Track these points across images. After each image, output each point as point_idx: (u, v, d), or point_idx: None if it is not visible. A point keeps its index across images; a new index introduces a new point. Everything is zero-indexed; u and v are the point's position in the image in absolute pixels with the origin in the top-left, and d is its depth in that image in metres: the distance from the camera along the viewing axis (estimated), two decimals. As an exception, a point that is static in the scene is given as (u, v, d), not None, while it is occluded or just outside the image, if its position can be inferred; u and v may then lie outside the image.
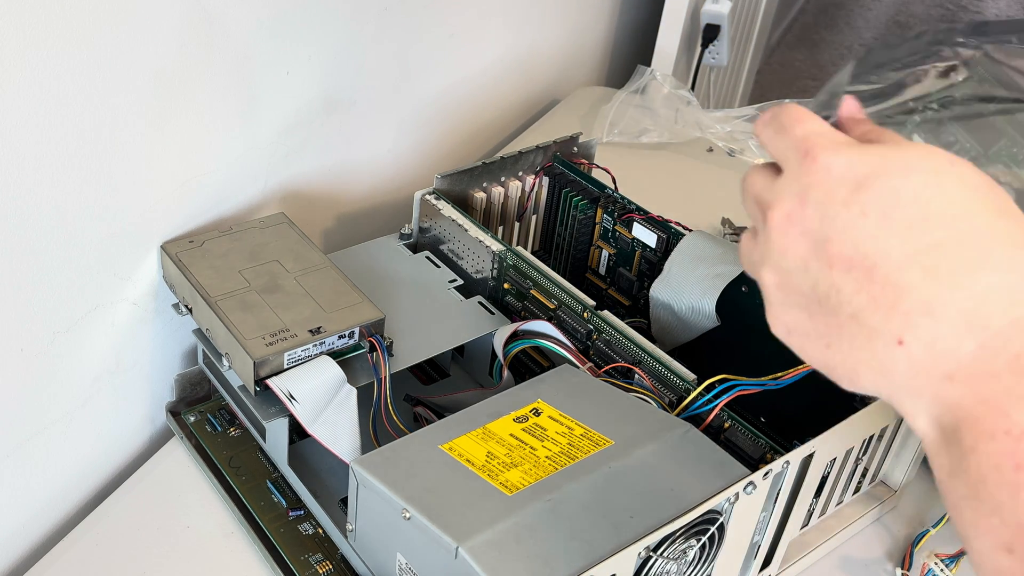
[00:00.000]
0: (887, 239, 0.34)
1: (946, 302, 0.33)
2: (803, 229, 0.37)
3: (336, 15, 0.74)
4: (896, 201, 0.35)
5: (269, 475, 0.66)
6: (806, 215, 0.37)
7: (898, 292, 0.34)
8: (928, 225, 0.34)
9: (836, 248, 0.36)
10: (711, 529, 0.52)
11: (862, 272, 0.35)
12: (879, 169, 0.35)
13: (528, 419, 0.58)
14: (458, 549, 0.48)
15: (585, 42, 1.32)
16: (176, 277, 0.65)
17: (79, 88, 0.54)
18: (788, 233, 0.37)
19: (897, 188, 0.35)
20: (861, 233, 0.35)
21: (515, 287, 0.70)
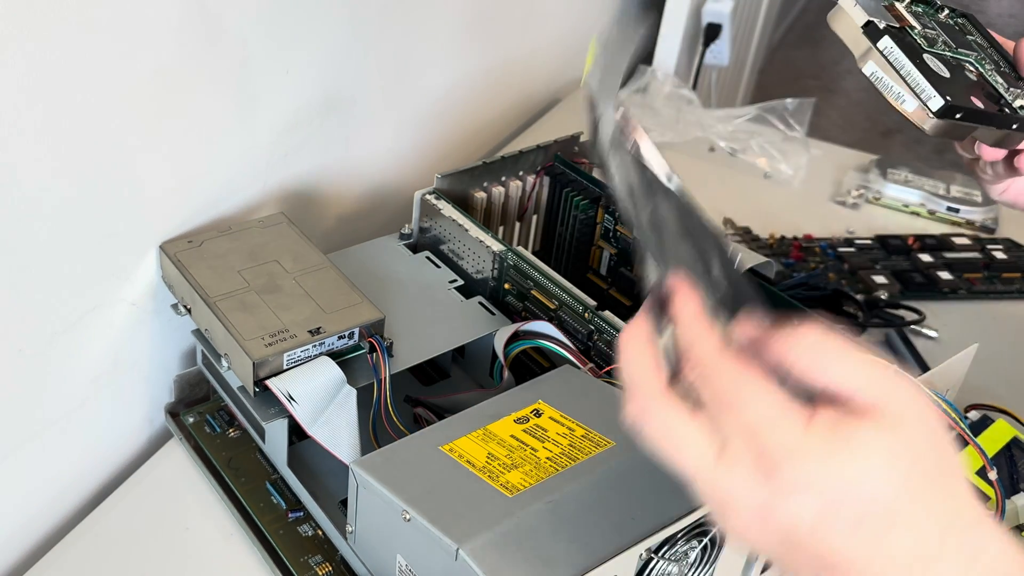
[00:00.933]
0: (853, 548, 0.35)
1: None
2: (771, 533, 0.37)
3: (336, 15, 0.74)
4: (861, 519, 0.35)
5: (268, 476, 0.66)
6: (773, 527, 0.36)
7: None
8: (891, 533, 0.35)
9: (803, 556, 0.36)
10: (713, 531, 0.52)
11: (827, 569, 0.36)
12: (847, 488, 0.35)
13: (529, 420, 0.58)
14: (458, 551, 0.48)
15: (585, 42, 1.32)
16: (175, 277, 0.64)
17: (78, 88, 0.54)
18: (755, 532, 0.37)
19: (865, 510, 0.35)
20: (829, 548, 0.36)
21: (516, 287, 0.70)
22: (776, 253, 0.94)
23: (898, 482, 0.35)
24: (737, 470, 0.36)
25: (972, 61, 0.52)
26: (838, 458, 0.35)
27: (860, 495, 0.35)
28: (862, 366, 0.36)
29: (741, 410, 0.36)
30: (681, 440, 0.38)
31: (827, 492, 0.35)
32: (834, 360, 0.36)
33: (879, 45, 0.47)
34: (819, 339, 0.36)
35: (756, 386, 0.36)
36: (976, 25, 0.57)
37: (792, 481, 0.35)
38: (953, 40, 0.53)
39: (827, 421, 0.35)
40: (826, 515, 0.35)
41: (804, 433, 0.35)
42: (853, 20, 0.48)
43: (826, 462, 0.35)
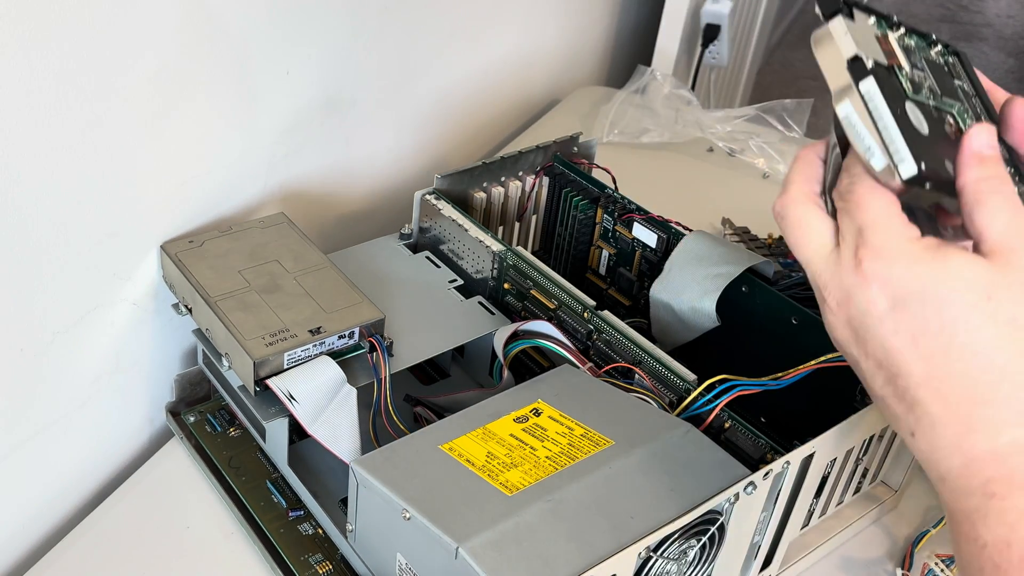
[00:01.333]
0: (910, 359, 0.39)
1: (945, 423, 0.39)
2: (848, 321, 0.41)
3: (336, 15, 0.74)
4: (925, 329, 0.39)
5: (269, 475, 0.66)
6: (850, 313, 0.41)
7: (912, 401, 0.40)
8: (948, 358, 0.38)
9: (870, 348, 0.41)
10: (711, 529, 0.52)
11: (888, 374, 0.40)
12: (916, 294, 0.39)
13: (528, 419, 0.58)
14: (458, 549, 0.48)
15: (585, 42, 1.32)
16: (176, 277, 0.65)
17: (79, 88, 0.54)
18: (838, 317, 0.42)
19: (928, 318, 0.38)
20: (890, 346, 0.40)
21: (515, 287, 0.70)
22: (775, 253, 0.94)
23: (971, 313, 0.38)
24: (840, 260, 0.41)
25: (955, 113, 0.46)
26: (923, 268, 0.39)
27: (929, 305, 0.38)
28: (1016, 217, 0.39)
29: (862, 211, 0.40)
30: (809, 230, 0.43)
31: (901, 296, 0.39)
32: (994, 201, 0.40)
33: (861, 87, 0.42)
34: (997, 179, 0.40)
35: (883, 199, 0.40)
36: (966, 66, 0.51)
37: (873, 273, 0.39)
38: (940, 85, 0.47)
39: (933, 242, 0.39)
40: (892, 315, 0.39)
41: (906, 241, 0.39)
42: (840, 50, 0.43)
43: (911, 268, 0.39)
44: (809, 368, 0.59)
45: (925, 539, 0.66)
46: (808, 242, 0.43)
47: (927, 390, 0.39)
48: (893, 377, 0.40)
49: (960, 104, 0.47)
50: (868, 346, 0.41)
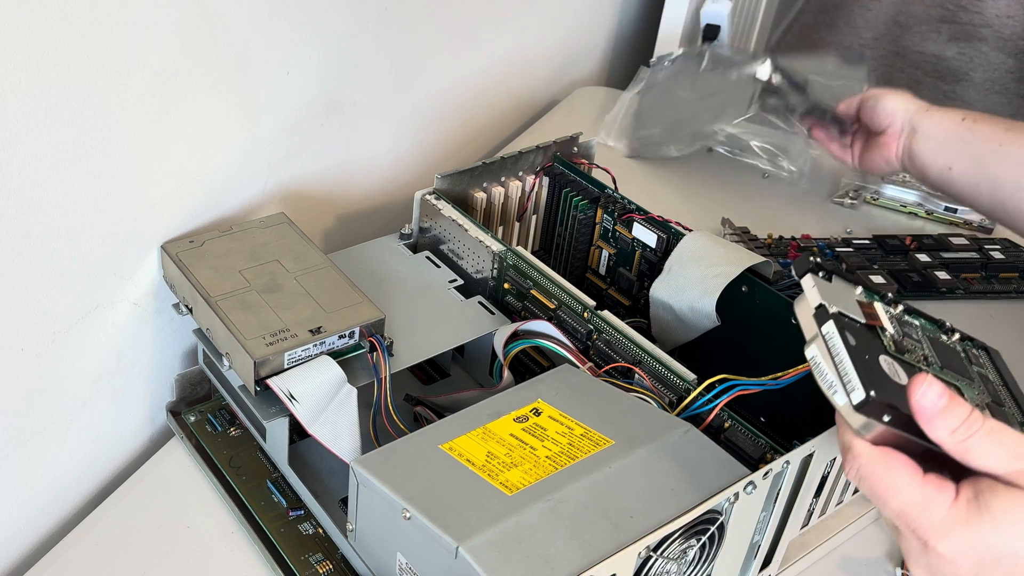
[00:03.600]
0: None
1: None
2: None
3: (336, 15, 0.75)
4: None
5: (269, 475, 0.66)
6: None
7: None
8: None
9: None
10: (711, 529, 0.52)
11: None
12: (989, 554, 0.41)
13: (528, 419, 0.58)
14: (458, 549, 0.48)
15: (585, 42, 1.32)
16: (176, 277, 0.65)
17: (79, 88, 0.54)
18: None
19: (1012, 570, 0.41)
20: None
21: (515, 287, 0.70)
22: (774, 253, 0.94)
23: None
24: (907, 544, 0.43)
25: (962, 387, 0.47)
26: (979, 526, 0.41)
27: (1005, 556, 0.40)
28: (1005, 445, 0.41)
29: (893, 497, 0.42)
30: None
31: (975, 558, 0.41)
32: (978, 444, 0.41)
33: (823, 329, 0.44)
34: (966, 424, 0.42)
35: (903, 477, 0.42)
36: (995, 360, 0.52)
37: (942, 554, 0.41)
38: (942, 359, 0.47)
39: (968, 496, 0.41)
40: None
41: (950, 509, 0.41)
42: (808, 302, 0.46)
43: (969, 531, 0.41)
44: (809, 368, 0.59)
45: (925, 539, 0.66)
46: (881, 510, 0.45)
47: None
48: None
49: (971, 383, 0.48)
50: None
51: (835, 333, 0.44)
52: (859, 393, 0.42)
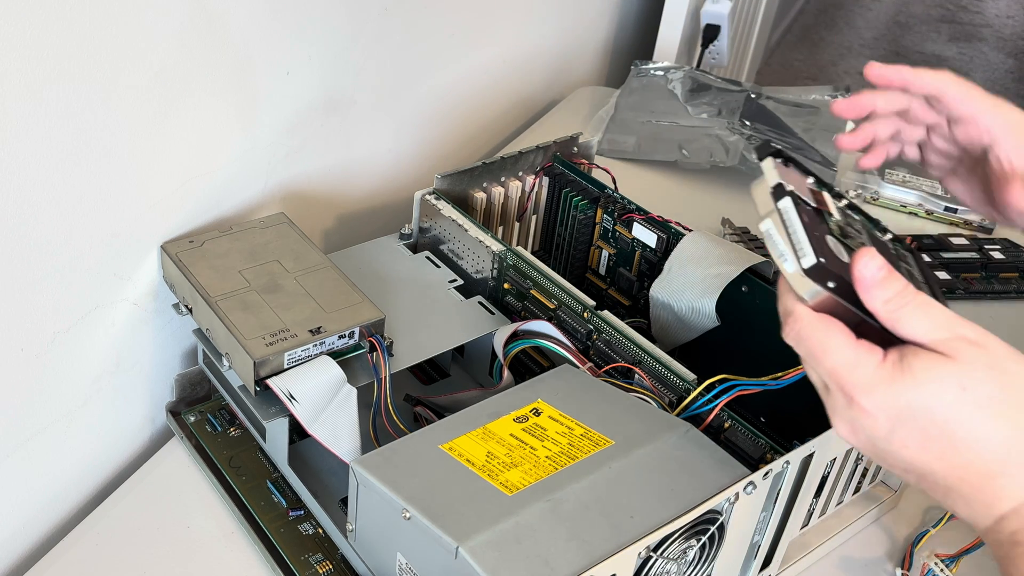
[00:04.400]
0: (928, 461, 0.45)
1: (973, 497, 0.45)
2: (863, 446, 0.47)
3: (336, 16, 0.75)
4: (927, 435, 0.44)
5: (269, 475, 0.66)
6: (860, 441, 0.46)
7: (944, 490, 0.46)
8: (957, 451, 0.44)
9: (890, 461, 0.46)
10: (711, 529, 0.52)
11: (916, 476, 0.46)
12: (906, 410, 0.44)
13: (528, 419, 0.58)
14: (458, 549, 0.48)
15: (585, 42, 1.32)
16: (176, 277, 0.65)
17: (79, 89, 0.54)
18: (855, 441, 0.47)
19: (925, 427, 0.44)
20: (906, 457, 0.45)
21: (515, 287, 0.70)
22: (774, 253, 0.94)
23: (957, 408, 0.43)
24: (833, 402, 0.47)
25: None
26: (900, 384, 0.44)
27: (920, 411, 0.44)
28: (931, 317, 0.45)
29: (826, 356, 0.46)
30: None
31: (894, 413, 0.44)
32: (908, 315, 0.45)
33: (779, 204, 0.47)
34: (899, 295, 0.45)
35: (834, 335, 0.46)
36: (918, 261, 0.56)
37: (865, 408, 0.45)
38: (879, 252, 0.49)
39: (893, 358, 0.45)
40: (896, 433, 0.44)
41: (876, 368, 0.45)
42: (766, 181, 0.49)
43: (891, 388, 0.44)
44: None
45: (925, 539, 0.66)
46: (809, 371, 0.48)
47: (953, 479, 0.45)
48: (921, 477, 0.46)
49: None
50: (888, 460, 0.46)
51: (791, 207, 0.47)
52: (810, 259, 0.45)
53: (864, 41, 2.99)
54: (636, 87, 1.15)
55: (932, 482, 0.46)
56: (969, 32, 3.13)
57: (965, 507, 0.46)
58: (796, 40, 2.92)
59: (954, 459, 0.45)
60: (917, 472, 0.46)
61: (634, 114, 1.12)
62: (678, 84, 1.14)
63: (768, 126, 1.08)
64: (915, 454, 0.45)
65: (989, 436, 0.44)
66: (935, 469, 0.45)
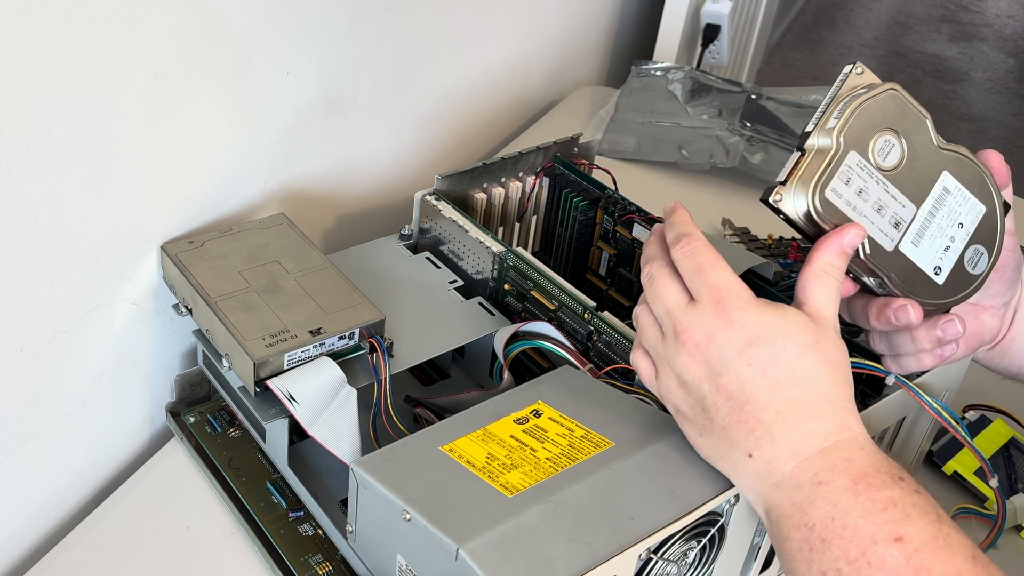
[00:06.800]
0: (759, 387, 0.49)
1: (783, 436, 0.48)
2: (705, 359, 0.50)
3: (336, 15, 0.74)
4: (774, 362, 0.49)
5: (269, 476, 0.66)
6: (710, 351, 0.50)
7: (756, 423, 0.49)
8: (789, 385, 0.49)
9: (724, 381, 0.49)
10: (711, 531, 0.52)
11: (737, 403, 0.49)
12: (769, 334, 0.49)
13: (528, 420, 0.58)
14: (458, 551, 0.48)
15: (585, 42, 1.32)
16: (176, 277, 0.65)
17: (80, 89, 0.54)
18: (694, 357, 0.50)
19: (777, 354, 0.49)
20: (744, 376, 0.49)
21: (515, 288, 0.70)
22: (774, 254, 0.94)
23: (807, 352, 0.49)
24: (700, 308, 0.51)
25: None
26: (773, 316, 0.50)
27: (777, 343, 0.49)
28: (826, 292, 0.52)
29: (715, 271, 0.51)
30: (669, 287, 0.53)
31: (755, 335, 0.49)
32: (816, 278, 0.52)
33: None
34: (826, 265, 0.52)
35: (725, 267, 0.51)
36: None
37: (734, 317, 0.50)
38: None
39: (766, 300, 0.51)
40: (750, 350, 0.49)
41: (752, 296, 0.50)
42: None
43: (764, 315, 0.50)
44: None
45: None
46: (667, 295, 0.52)
47: (770, 412, 0.48)
48: (741, 405, 0.49)
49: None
50: (722, 379, 0.49)
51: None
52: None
53: (864, 41, 2.99)
54: (636, 87, 1.15)
55: (747, 414, 0.48)
56: (969, 32, 3.14)
57: (766, 449, 0.48)
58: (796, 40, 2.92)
59: (784, 392, 0.48)
60: (741, 398, 0.49)
61: (634, 114, 1.12)
62: (678, 85, 1.14)
63: (769, 127, 1.08)
64: (754, 375, 0.48)
65: (820, 383, 0.49)
66: (761, 397, 0.48)
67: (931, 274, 0.56)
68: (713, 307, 0.50)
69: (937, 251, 0.56)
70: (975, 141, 2.56)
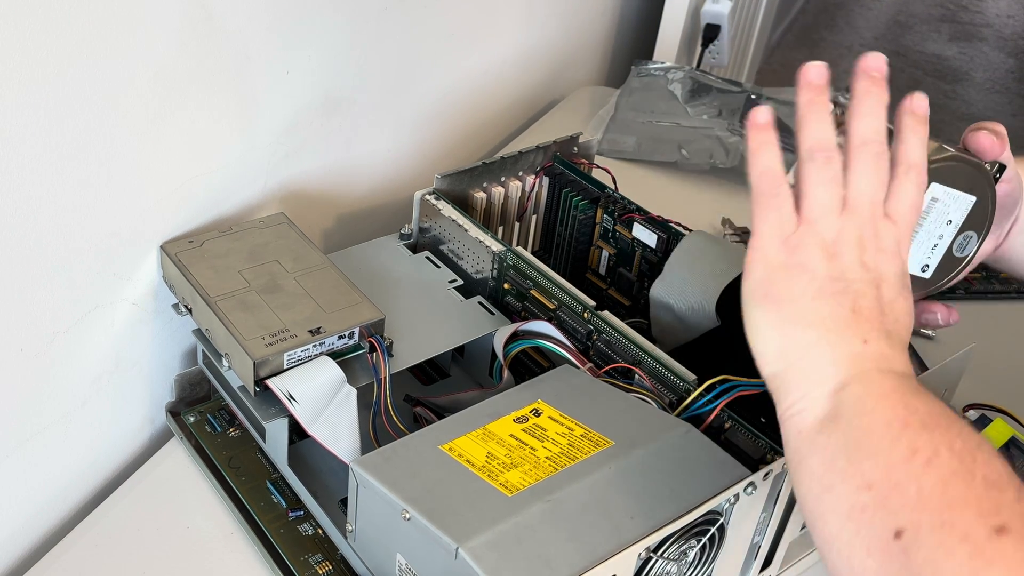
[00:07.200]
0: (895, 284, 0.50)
1: (900, 341, 0.49)
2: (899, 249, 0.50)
3: (336, 15, 0.74)
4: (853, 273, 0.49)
5: (269, 475, 0.66)
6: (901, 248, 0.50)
7: (885, 313, 0.49)
8: (849, 296, 0.49)
9: (869, 256, 0.49)
10: (711, 530, 0.52)
11: (874, 285, 0.49)
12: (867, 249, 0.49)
13: (528, 419, 0.58)
14: (458, 550, 0.48)
15: (585, 42, 1.32)
16: (176, 277, 0.65)
17: (79, 88, 0.54)
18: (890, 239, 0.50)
19: (858, 266, 0.49)
20: (820, 273, 0.49)
21: (515, 287, 0.70)
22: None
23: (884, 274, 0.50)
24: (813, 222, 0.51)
25: None
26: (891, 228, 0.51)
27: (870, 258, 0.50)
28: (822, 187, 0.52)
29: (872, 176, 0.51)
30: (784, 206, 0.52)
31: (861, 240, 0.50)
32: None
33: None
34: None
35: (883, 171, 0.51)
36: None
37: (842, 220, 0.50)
38: None
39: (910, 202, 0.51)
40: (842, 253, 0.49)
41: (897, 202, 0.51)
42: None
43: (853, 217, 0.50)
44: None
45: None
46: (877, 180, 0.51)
47: (894, 316, 0.49)
48: (879, 284, 0.49)
49: None
50: (868, 254, 0.49)
51: None
52: None
53: (864, 41, 2.99)
54: (636, 87, 1.15)
55: (884, 299, 0.49)
56: (969, 32, 3.13)
57: (885, 342, 0.48)
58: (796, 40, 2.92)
59: (847, 304, 0.48)
60: (882, 279, 0.49)
61: (634, 114, 1.12)
62: (678, 84, 1.14)
63: None
64: (895, 269, 0.50)
65: (886, 305, 0.49)
66: (822, 309, 0.48)
67: (919, 272, 0.57)
68: (830, 213, 0.50)
69: (925, 252, 0.57)
70: (975, 141, 2.55)
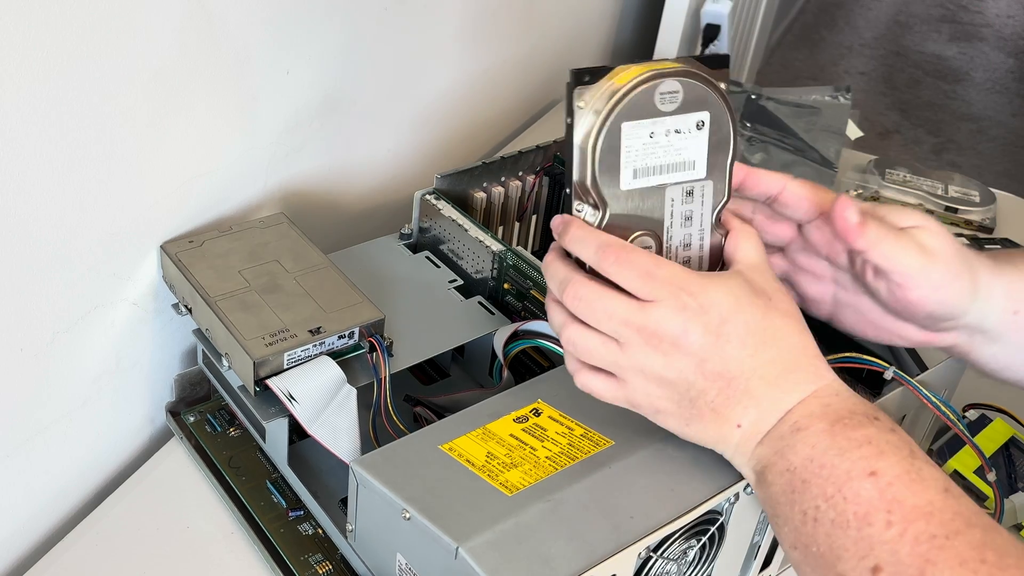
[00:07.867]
0: (743, 359, 0.50)
1: (767, 397, 0.50)
2: (687, 351, 0.50)
3: (336, 15, 0.74)
4: (747, 330, 0.50)
5: (269, 475, 0.66)
6: (690, 342, 0.49)
7: (742, 394, 0.50)
8: (765, 346, 0.50)
9: (710, 366, 0.50)
10: (711, 529, 0.52)
11: (724, 382, 0.50)
12: (733, 304, 0.50)
13: (528, 419, 0.58)
14: (458, 549, 0.48)
15: (585, 42, 1.32)
16: (176, 277, 0.65)
17: (79, 88, 0.54)
18: (673, 353, 0.50)
19: (747, 320, 0.50)
20: (728, 356, 0.49)
21: (515, 287, 0.70)
22: (775, 253, 0.94)
23: (768, 312, 0.50)
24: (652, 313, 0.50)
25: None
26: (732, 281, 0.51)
27: (749, 316, 0.50)
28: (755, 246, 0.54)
29: (660, 269, 0.50)
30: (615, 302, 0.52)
31: (725, 310, 0.49)
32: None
33: None
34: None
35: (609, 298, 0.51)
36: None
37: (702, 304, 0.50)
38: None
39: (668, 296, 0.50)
40: (725, 326, 0.49)
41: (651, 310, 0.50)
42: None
43: (723, 286, 0.50)
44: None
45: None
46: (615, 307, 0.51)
47: (755, 380, 0.49)
48: (728, 382, 0.50)
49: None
50: (707, 364, 0.50)
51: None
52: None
53: (864, 41, 2.99)
54: None
55: (735, 387, 0.49)
56: (969, 32, 3.14)
57: (752, 413, 0.49)
58: (796, 40, 2.92)
59: (763, 355, 0.49)
60: (729, 375, 0.49)
61: None
62: None
63: (769, 127, 1.08)
64: (735, 349, 0.49)
65: (789, 334, 0.50)
66: (745, 369, 0.49)
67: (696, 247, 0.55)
68: (675, 300, 0.49)
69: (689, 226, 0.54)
70: (975, 141, 2.56)
